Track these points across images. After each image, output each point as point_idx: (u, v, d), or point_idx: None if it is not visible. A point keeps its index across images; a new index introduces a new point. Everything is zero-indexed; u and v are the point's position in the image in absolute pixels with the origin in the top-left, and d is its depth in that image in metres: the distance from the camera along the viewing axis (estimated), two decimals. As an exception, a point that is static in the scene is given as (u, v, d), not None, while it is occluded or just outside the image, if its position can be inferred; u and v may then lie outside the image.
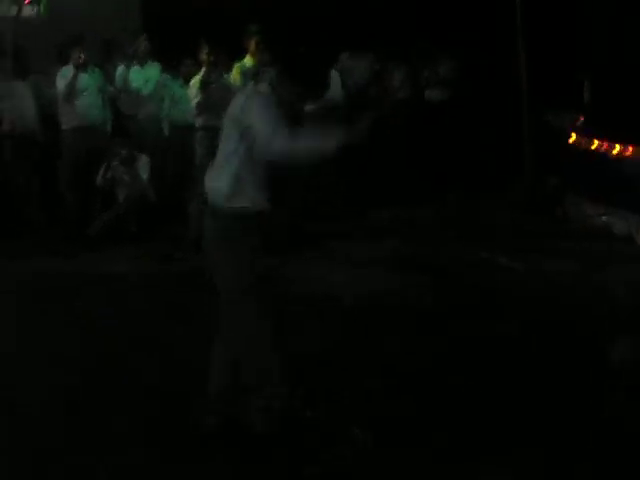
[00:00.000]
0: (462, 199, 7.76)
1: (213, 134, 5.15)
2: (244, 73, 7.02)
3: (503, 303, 4.94)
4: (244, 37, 7.01)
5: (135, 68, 7.65)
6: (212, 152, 3.38)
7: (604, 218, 7.18)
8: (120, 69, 7.56)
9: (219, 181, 3.08)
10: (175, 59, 7.58)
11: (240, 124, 2.99)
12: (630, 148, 7.22)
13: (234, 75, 7.12)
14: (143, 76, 7.65)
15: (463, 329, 4.42)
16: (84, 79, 6.94)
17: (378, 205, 7.63)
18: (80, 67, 6.88)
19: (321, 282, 5.39)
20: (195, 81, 6.92)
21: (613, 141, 7.38)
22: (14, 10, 7.16)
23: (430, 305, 4.94)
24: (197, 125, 6.70)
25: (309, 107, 7.76)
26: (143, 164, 7.12)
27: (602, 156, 7.47)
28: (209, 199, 3.14)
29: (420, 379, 3.79)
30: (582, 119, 7.67)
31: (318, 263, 5.87)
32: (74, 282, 5.60)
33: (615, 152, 7.31)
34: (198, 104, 6.70)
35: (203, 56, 6.97)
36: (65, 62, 6.97)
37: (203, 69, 6.89)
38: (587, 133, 7.72)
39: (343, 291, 5.23)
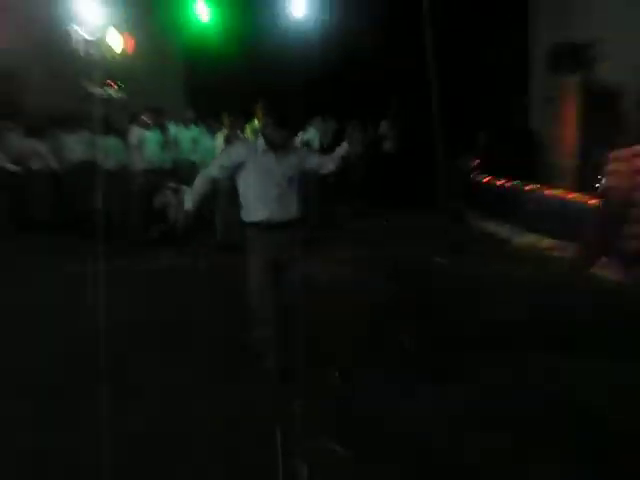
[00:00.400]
0: (399, 218, 9.57)
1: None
2: (254, 131, 8.75)
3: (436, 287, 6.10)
4: (254, 107, 7.77)
5: (182, 129, 9.40)
6: (231, 184, 4.12)
7: (494, 227, 9.18)
8: (172, 130, 9.15)
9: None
10: (208, 121, 9.47)
11: None
12: (505, 182, 9.46)
13: (248, 132, 8.97)
14: (189, 136, 9.37)
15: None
16: (148, 136, 8.63)
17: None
18: (146, 128, 8.63)
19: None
20: (220, 137, 8.73)
21: (496, 177, 9.59)
22: (105, 92, 9.17)
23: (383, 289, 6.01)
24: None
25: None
26: (185, 193, 8.96)
27: (490, 187, 9.73)
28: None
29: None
30: (478, 162, 9.90)
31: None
32: (138, 272, 6.80)
33: (497, 184, 9.57)
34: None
35: (225, 120, 8.80)
36: (136, 124, 8.72)
37: (225, 129, 8.73)
38: (481, 172, 9.91)
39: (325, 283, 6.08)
